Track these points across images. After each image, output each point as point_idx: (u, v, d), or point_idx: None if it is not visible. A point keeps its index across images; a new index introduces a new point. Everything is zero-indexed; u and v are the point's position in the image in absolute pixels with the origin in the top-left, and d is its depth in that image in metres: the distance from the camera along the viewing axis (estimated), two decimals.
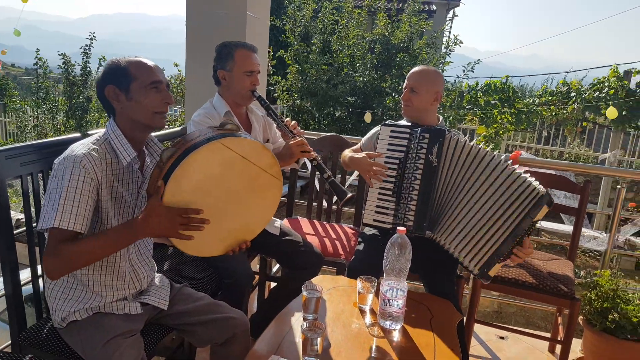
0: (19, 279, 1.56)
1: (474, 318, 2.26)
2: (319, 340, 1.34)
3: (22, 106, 10.50)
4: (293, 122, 2.10)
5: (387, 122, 2.09)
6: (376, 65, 7.75)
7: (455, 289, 2.06)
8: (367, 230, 2.23)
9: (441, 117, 2.20)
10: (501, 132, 7.19)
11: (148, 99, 1.43)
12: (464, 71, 7.84)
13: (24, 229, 1.65)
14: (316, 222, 2.70)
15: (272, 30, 7.94)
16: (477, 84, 7.35)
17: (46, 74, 9.48)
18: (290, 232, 2.29)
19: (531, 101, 7.22)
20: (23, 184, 1.59)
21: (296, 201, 2.88)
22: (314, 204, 2.78)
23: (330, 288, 1.79)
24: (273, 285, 2.52)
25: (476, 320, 2.30)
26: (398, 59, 7.65)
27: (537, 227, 5.18)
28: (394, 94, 7.47)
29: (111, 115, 1.49)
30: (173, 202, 1.33)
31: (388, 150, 2.02)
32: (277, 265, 2.98)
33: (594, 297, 2.18)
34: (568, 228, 5.43)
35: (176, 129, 2.74)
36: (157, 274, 1.70)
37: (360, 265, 1.97)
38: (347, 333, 1.52)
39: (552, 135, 9.42)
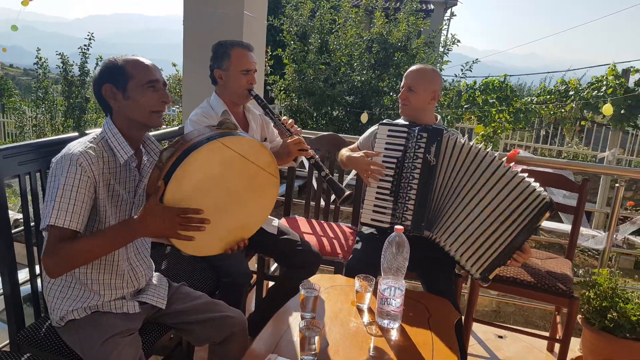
0: (17, 279, 1.56)
1: (472, 317, 2.26)
2: (316, 339, 1.34)
3: (21, 106, 10.48)
4: (290, 120, 2.10)
5: (384, 121, 2.08)
6: (374, 65, 7.76)
7: (453, 287, 2.06)
8: (365, 230, 2.23)
9: (439, 116, 2.20)
10: (499, 131, 7.18)
11: (145, 98, 1.44)
12: (461, 70, 7.86)
13: (21, 228, 1.65)
14: (314, 221, 2.71)
15: (270, 29, 7.94)
16: (475, 82, 7.34)
17: (45, 74, 9.47)
18: (288, 231, 2.29)
19: (529, 100, 7.22)
20: (21, 183, 1.59)
21: (294, 200, 2.88)
22: (312, 203, 2.78)
23: (328, 287, 1.80)
24: (271, 284, 2.52)
25: (475, 319, 2.29)
26: (396, 58, 7.66)
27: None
28: (391, 93, 7.47)
29: (108, 114, 1.49)
30: (173, 202, 1.33)
31: (386, 149, 2.01)
32: (275, 265, 2.98)
33: (592, 296, 2.18)
34: (566, 227, 5.43)
35: (174, 128, 2.74)
36: (155, 273, 1.70)
37: (358, 264, 1.97)
38: (345, 332, 1.52)
39: (551, 134, 9.40)
